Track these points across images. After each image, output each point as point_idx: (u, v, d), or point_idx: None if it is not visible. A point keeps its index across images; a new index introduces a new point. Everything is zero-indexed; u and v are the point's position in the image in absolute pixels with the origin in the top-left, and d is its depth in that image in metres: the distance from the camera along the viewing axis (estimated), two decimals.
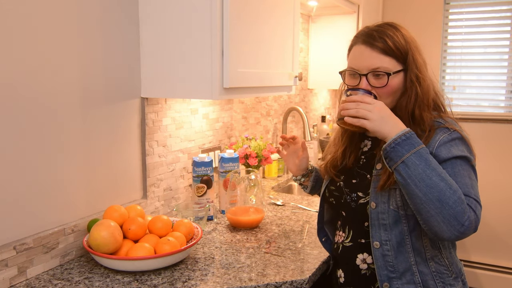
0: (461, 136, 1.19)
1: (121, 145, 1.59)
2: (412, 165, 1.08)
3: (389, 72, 1.19)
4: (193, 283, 1.26)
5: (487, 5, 3.33)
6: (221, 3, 1.47)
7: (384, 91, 1.21)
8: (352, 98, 1.16)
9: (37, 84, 1.28)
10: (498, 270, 3.38)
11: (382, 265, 1.22)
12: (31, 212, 1.29)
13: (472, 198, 1.11)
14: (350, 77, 1.26)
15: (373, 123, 1.11)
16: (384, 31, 1.21)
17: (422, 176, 1.07)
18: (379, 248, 1.22)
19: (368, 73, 1.20)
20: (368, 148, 1.32)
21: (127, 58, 1.57)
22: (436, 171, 1.08)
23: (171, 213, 1.81)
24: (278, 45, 1.83)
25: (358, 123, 1.13)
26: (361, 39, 1.23)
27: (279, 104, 2.78)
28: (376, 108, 1.12)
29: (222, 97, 1.53)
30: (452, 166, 1.14)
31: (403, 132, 1.10)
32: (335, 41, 3.02)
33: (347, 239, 1.33)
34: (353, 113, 1.14)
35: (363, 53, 1.22)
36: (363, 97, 1.15)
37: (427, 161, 1.08)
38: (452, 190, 1.07)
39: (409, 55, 1.21)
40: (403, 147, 1.09)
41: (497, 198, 3.29)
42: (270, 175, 2.57)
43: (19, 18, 1.22)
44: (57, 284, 1.25)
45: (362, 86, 1.21)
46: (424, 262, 1.21)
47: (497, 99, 3.44)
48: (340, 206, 1.34)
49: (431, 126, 1.20)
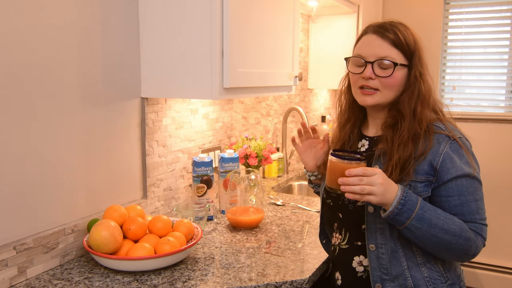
0: (463, 145, 1.20)
1: (121, 145, 1.59)
2: (415, 229, 1.12)
3: (396, 62, 1.20)
4: (193, 283, 1.26)
5: (487, 5, 3.32)
6: (221, 3, 1.47)
7: (387, 81, 1.21)
8: (353, 172, 1.09)
9: (36, 84, 1.28)
10: (498, 270, 3.38)
11: (376, 266, 1.22)
12: (31, 212, 1.29)
13: (478, 223, 1.17)
14: (354, 66, 1.26)
15: (378, 197, 1.09)
16: (396, 25, 1.23)
17: (427, 235, 1.13)
18: (375, 250, 1.22)
19: (375, 62, 1.21)
20: (366, 148, 1.31)
21: (127, 58, 1.57)
22: (438, 227, 1.12)
23: (171, 213, 1.81)
24: (278, 45, 1.83)
25: (363, 199, 1.10)
26: (372, 29, 1.24)
27: (279, 104, 2.77)
28: (379, 180, 1.08)
29: (222, 97, 1.52)
30: (457, 187, 1.17)
31: (397, 200, 1.10)
32: (335, 41, 3.02)
33: (343, 241, 1.32)
34: (358, 190, 1.08)
35: (373, 42, 1.22)
36: (365, 170, 1.09)
37: (428, 220, 1.12)
38: (457, 236, 1.13)
39: (416, 53, 1.22)
40: (401, 216, 1.11)
41: (497, 198, 3.29)
42: (270, 175, 2.57)
43: (19, 18, 1.22)
44: (57, 284, 1.25)
45: (366, 74, 1.21)
46: (416, 267, 1.20)
47: (497, 99, 3.44)
48: (338, 208, 1.33)
49: (430, 128, 1.20)
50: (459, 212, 1.17)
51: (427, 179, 1.17)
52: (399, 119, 1.22)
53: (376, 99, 1.23)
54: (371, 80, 1.22)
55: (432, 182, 1.18)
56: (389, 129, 1.23)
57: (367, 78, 1.22)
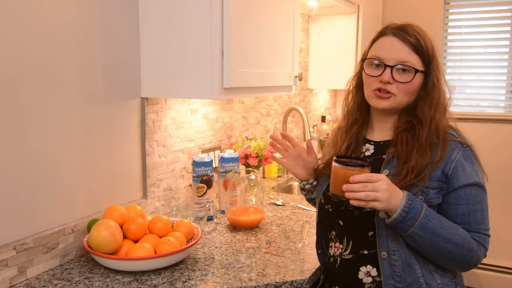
0: (475, 152, 1.20)
1: (121, 145, 1.59)
2: (418, 237, 1.12)
3: (417, 69, 1.18)
4: (193, 283, 1.26)
5: (487, 5, 3.32)
6: (221, 3, 1.47)
7: (406, 87, 1.19)
8: (357, 179, 1.07)
9: (36, 84, 1.28)
10: (498, 270, 3.38)
11: (388, 274, 1.18)
12: (31, 212, 1.29)
13: (482, 233, 1.17)
14: (372, 68, 1.22)
15: (383, 204, 1.07)
16: (416, 30, 1.20)
17: (429, 244, 1.13)
18: (387, 258, 1.18)
19: (394, 66, 1.18)
20: (371, 153, 1.28)
21: (127, 58, 1.57)
22: (441, 236, 1.11)
23: (171, 213, 1.81)
24: (278, 45, 1.83)
25: (368, 206, 1.08)
26: (392, 31, 1.21)
27: (279, 104, 2.78)
28: (383, 186, 1.07)
29: (222, 97, 1.52)
30: (466, 195, 1.17)
31: (402, 207, 1.09)
32: (335, 41, 3.02)
33: (345, 251, 1.26)
34: (363, 197, 1.07)
35: (393, 44, 1.19)
36: (369, 176, 1.07)
37: (431, 229, 1.11)
38: (459, 246, 1.13)
39: (433, 59, 1.20)
40: (404, 224, 1.10)
41: (497, 198, 3.29)
42: (270, 175, 2.57)
43: (19, 18, 1.22)
44: (57, 284, 1.25)
45: (385, 78, 1.18)
46: (429, 274, 1.18)
47: (497, 99, 3.44)
48: (338, 215, 1.27)
49: (444, 135, 1.19)
50: (465, 221, 1.17)
51: (439, 186, 1.17)
52: (416, 125, 1.20)
53: (390, 102, 1.20)
54: (388, 84, 1.19)
55: (443, 189, 1.17)
56: (405, 132, 1.21)
57: (385, 82, 1.18)
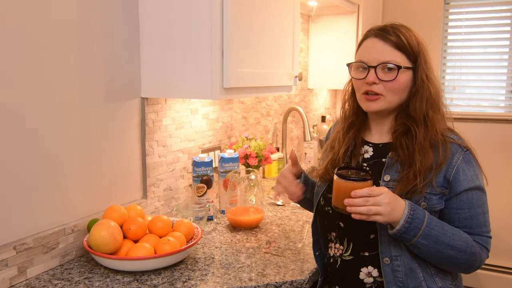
0: (475, 156, 1.20)
1: (121, 145, 1.59)
2: (422, 246, 1.13)
3: (399, 65, 1.17)
4: (193, 283, 1.26)
5: (487, 5, 3.32)
6: (221, 3, 1.47)
7: (392, 85, 1.18)
8: (359, 194, 1.07)
9: (36, 84, 1.28)
10: (498, 270, 3.38)
11: (391, 280, 1.18)
12: (31, 212, 1.29)
13: (484, 236, 1.18)
14: (357, 71, 1.23)
15: (385, 217, 1.08)
16: (398, 28, 1.21)
17: (433, 251, 1.13)
18: (389, 264, 1.18)
19: (378, 66, 1.18)
20: (370, 156, 1.28)
21: (127, 58, 1.57)
22: (445, 243, 1.12)
23: (171, 213, 1.81)
24: (278, 45, 1.83)
25: (370, 219, 1.09)
26: (374, 33, 1.22)
27: (279, 104, 2.77)
28: (385, 200, 1.07)
29: (222, 97, 1.52)
30: (468, 200, 1.17)
31: (404, 218, 1.09)
32: (335, 41, 3.02)
33: (346, 252, 1.26)
34: (364, 211, 1.07)
35: (375, 46, 1.20)
36: (371, 190, 1.07)
37: (434, 237, 1.12)
38: (462, 252, 1.14)
39: (420, 55, 1.20)
40: (408, 234, 1.11)
41: (497, 198, 3.28)
42: (270, 175, 2.56)
43: (19, 19, 1.22)
44: (57, 284, 1.25)
45: (370, 79, 1.18)
46: (430, 278, 1.18)
47: (497, 99, 3.44)
48: (338, 217, 1.27)
49: (444, 140, 1.18)
50: (467, 225, 1.17)
51: (441, 191, 1.17)
52: (411, 126, 1.19)
53: (381, 104, 1.20)
54: (374, 85, 1.19)
55: (445, 194, 1.17)
56: (403, 136, 1.20)
57: (370, 83, 1.19)
